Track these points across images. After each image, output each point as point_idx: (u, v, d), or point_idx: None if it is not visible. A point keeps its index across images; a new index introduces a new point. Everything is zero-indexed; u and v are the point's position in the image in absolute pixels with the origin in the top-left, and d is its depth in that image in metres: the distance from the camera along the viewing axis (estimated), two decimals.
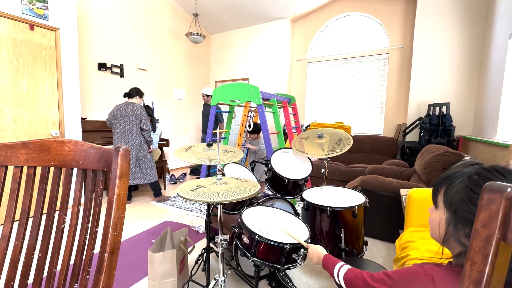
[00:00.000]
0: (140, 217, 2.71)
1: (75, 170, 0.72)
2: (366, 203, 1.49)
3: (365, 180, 2.28)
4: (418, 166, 2.41)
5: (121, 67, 4.11)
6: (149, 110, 3.58)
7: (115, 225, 0.65)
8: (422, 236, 1.50)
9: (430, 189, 1.80)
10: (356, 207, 1.42)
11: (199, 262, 1.55)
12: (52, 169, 0.73)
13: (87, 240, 0.68)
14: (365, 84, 4.48)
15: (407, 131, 3.72)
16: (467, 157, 2.01)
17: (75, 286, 0.66)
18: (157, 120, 4.46)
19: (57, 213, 0.71)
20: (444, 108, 3.38)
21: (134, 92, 3.09)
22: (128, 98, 3.09)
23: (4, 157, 0.71)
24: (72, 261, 0.68)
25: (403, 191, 1.95)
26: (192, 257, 1.84)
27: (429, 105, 3.55)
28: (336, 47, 4.74)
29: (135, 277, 1.64)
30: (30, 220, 0.72)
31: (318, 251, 0.87)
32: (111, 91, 4.02)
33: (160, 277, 1.35)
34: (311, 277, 1.69)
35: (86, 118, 3.57)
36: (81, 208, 0.72)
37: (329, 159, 1.87)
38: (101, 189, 0.70)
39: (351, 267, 0.70)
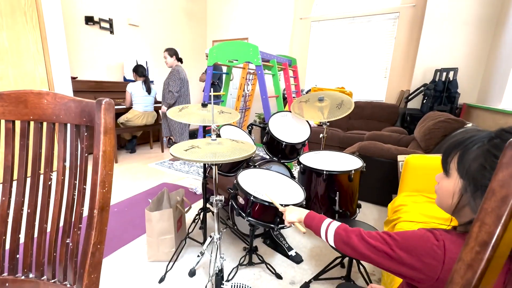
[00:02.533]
0: (139, 178, 2.74)
1: (57, 125, 0.67)
2: (362, 168, 1.49)
3: (363, 145, 2.26)
4: (417, 133, 2.38)
5: (110, 21, 3.81)
6: (142, 70, 3.41)
7: (103, 182, 0.62)
8: (415, 201, 1.52)
9: (428, 156, 1.78)
10: (353, 171, 1.42)
11: (196, 221, 1.60)
12: (32, 123, 0.68)
13: (75, 197, 0.66)
14: (371, 47, 4.23)
15: (410, 97, 3.61)
16: (469, 124, 1.97)
17: (67, 241, 0.66)
18: (152, 81, 4.28)
19: (42, 169, 0.68)
20: (451, 74, 3.24)
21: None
22: (181, 62, 3.24)
23: None
24: (62, 217, 0.67)
25: (400, 157, 1.95)
26: (189, 217, 1.89)
27: (436, 71, 3.40)
28: (343, 4, 4.37)
29: (135, 233, 1.71)
30: (15, 177, 0.69)
31: (298, 209, 0.81)
32: (101, 48, 3.78)
33: (157, 234, 1.39)
34: (304, 236, 1.76)
35: (76, 77, 3.40)
36: (68, 165, 0.68)
37: (328, 123, 1.82)
38: (86, 145, 0.66)
39: (343, 223, 0.67)
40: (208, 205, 1.55)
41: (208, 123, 1.16)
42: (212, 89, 1.17)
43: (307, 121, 1.81)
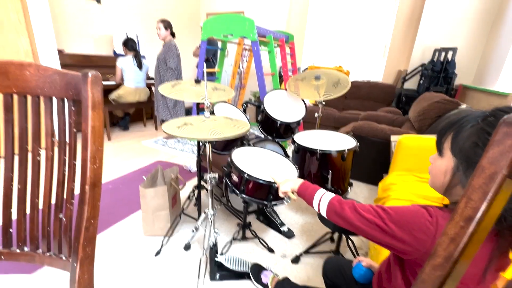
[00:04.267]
0: (133, 156, 2.73)
1: (42, 99, 0.64)
2: (356, 148, 1.50)
3: (357, 125, 2.27)
4: (412, 113, 2.39)
5: None
6: (132, 44, 3.26)
7: (93, 158, 0.61)
8: (405, 180, 1.56)
9: (420, 136, 1.79)
10: (346, 151, 1.43)
11: (191, 197, 1.62)
12: (15, 97, 0.65)
13: (66, 173, 0.66)
14: (371, 24, 4.09)
15: (407, 77, 3.58)
16: (463, 106, 1.98)
17: (60, 216, 0.66)
18: (143, 56, 4.11)
19: (30, 145, 0.67)
20: (450, 54, 3.19)
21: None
22: (174, 37, 3.12)
23: None
24: (54, 193, 0.66)
25: (393, 137, 1.96)
26: (184, 194, 1.91)
27: (435, 50, 3.34)
28: None
29: (130, 209, 1.73)
30: (2, 153, 0.67)
31: (292, 179, 0.83)
32: (88, 19, 3.56)
33: (152, 210, 1.42)
34: (296, 213, 1.81)
35: (63, 50, 3.24)
36: (56, 140, 0.67)
37: (324, 103, 1.81)
38: (74, 120, 0.64)
39: (337, 195, 0.68)
40: (202, 183, 1.57)
41: (201, 100, 1.14)
42: (205, 65, 1.13)
43: (302, 100, 1.79)
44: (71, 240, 0.66)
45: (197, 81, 1.29)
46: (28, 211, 0.68)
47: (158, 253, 1.36)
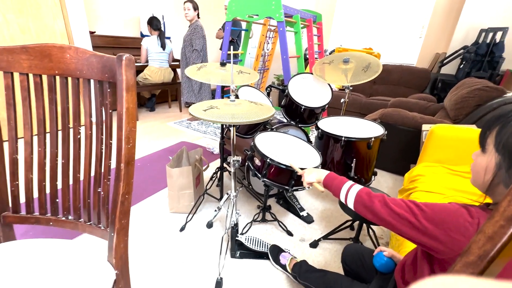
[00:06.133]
0: (159, 136, 2.85)
1: (81, 81, 0.68)
2: (383, 136, 1.44)
3: (386, 112, 2.16)
4: (448, 101, 2.22)
5: None
6: (157, 23, 3.28)
7: (127, 138, 0.65)
8: (435, 171, 1.49)
9: (455, 126, 1.67)
10: (372, 139, 1.38)
11: (214, 179, 1.68)
12: (58, 78, 0.69)
13: (103, 151, 0.70)
14: (407, 1, 3.75)
15: (445, 61, 3.29)
16: (510, 94, 1.79)
17: (99, 190, 0.72)
18: (168, 37, 4.14)
19: (71, 123, 0.72)
20: (498, 35, 2.86)
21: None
22: (199, 17, 3.08)
23: (6, 62, 0.67)
24: (93, 169, 0.72)
25: (425, 126, 1.85)
26: (207, 174, 1.98)
27: (481, 31, 3.01)
28: None
29: (157, 187, 1.83)
30: (48, 130, 0.73)
31: (317, 170, 0.82)
32: (116, 1, 3.63)
33: (178, 189, 1.49)
34: (316, 199, 1.82)
35: (94, 32, 3.36)
36: (94, 120, 0.71)
37: (351, 87, 1.73)
38: (110, 101, 0.67)
39: (365, 187, 0.66)
40: (225, 165, 1.61)
41: (226, 83, 1.14)
42: (231, 47, 1.12)
43: (329, 85, 1.73)
44: (108, 212, 0.72)
45: (223, 63, 1.29)
46: (71, 183, 0.75)
47: (182, 228, 1.44)
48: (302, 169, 0.92)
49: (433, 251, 0.50)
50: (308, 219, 1.57)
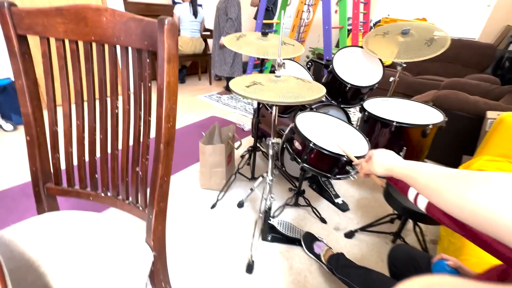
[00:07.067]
0: (189, 109, 2.83)
1: (118, 49, 0.61)
2: (443, 123, 1.25)
3: (441, 95, 1.90)
4: None
5: None
6: None
7: (167, 117, 0.58)
8: (500, 167, 1.28)
9: None
10: (431, 126, 1.20)
11: (245, 158, 1.62)
12: (94, 45, 0.63)
13: (141, 128, 0.65)
14: None
15: None
16: None
17: (137, 169, 0.68)
18: (200, 5, 3.95)
19: (109, 97, 0.67)
20: None
21: None
22: None
23: (42, 26, 0.61)
24: (131, 145, 0.68)
25: (490, 114, 1.59)
26: (238, 152, 1.94)
27: None
28: None
29: (188, 161, 1.83)
30: (85, 104, 0.69)
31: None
32: None
33: (210, 166, 1.46)
34: (352, 185, 1.70)
35: None
36: (132, 95, 0.65)
37: (405, 65, 1.51)
38: (149, 73, 0.60)
39: None
40: (258, 145, 1.54)
41: (269, 56, 1.02)
42: (264, 15, 0.98)
43: (380, 61, 1.52)
44: (146, 193, 0.68)
45: (264, 33, 1.15)
46: (109, 160, 0.71)
47: (213, 206, 1.43)
48: (358, 157, 0.81)
49: None
50: (343, 207, 1.48)
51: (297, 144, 1.11)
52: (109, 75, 0.65)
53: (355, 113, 2.93)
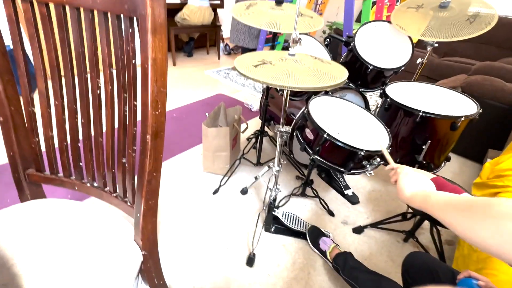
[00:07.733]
0: (195, 85, 2.69)
1: (96, 15, 0.49)
2: (476, 115, 1.10)
3: (472, 81, 1.70)
4: None
5: None
6: None
7: (155, 103, 0.47)
8: None
9: None
10: (463, 118, 1.06)
11: (251, 141, 1.52)
12: (68, 9, 0.51)
13: (126, 114, 0.55)
14: None
15: None
16: None
17: (123, 161, 0.59)
18: None
19: (88, 75, 0.56)
20: None
21: None
22: None
23: None
24: (116, 135, 0.58)
25: None
26: (244, 134, 1.83)
27: None
28: None
29: (191, 142, 1.75)
30: (63, 81, 0.59)
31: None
32: None
33: (213, 150, 1.37)
34: (363, 176, 1.60)
35: None
36: (115, 73, 0.54)
37: (436, 44, 1.32)
38: (132, 47, 0.49)
39: None
40: (266, 128, 1.43)
41: (283, 30, 0.87)
42: None
43: (410, 39, 1.33)
44: (135, 188, 0.60)
45: (279, 2, 0.99)
46: (93, 148, 0.63)
47: (216, 191, 1.36)
48: (376, 153, 0.69)
49: None
50: (353, 200, 1.39)
51: (308, 133, 1.00)
52: (88, 48, 0.53)
53: (371, 96, 2.74)
